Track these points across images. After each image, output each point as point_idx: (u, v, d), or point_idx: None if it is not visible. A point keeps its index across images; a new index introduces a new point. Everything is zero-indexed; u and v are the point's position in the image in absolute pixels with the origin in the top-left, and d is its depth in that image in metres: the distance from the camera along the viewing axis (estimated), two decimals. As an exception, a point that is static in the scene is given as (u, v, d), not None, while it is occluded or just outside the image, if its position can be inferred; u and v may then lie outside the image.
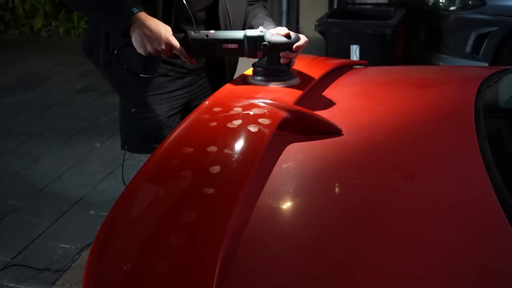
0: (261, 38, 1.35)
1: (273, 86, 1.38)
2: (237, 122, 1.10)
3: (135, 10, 1.31)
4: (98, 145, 3.45)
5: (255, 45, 1.35)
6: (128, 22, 1.30)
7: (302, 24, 5.67)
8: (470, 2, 3.82)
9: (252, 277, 0.78)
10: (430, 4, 4.11)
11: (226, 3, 1.54)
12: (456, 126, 1.26)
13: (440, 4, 4.01)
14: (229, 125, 1.09)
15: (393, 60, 3.69)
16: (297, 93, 1.33)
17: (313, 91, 1.46)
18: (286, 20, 4.35)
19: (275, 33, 1.38)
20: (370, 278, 0.77)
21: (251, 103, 1.21)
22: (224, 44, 1.36)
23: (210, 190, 0.87)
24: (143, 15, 1.32)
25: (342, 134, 1.20)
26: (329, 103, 1.41)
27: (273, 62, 1.38)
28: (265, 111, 1.16)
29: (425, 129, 1.25)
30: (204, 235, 0.78)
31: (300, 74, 1.51)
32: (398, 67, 2.03)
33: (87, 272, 0.71)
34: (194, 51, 1.38)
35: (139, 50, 1.34)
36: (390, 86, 1.61)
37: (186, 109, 1.71)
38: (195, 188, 0.88)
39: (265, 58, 1.38)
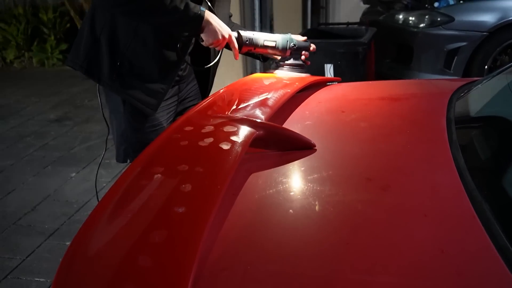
0: (290, 39, 1.77)
1: (295, 75, 1.79)
2: (209, 140, 1.08)
3: (203, 9, 1.54)
4: (73, 174, 3.39)
5: (286, 45, 1.76)
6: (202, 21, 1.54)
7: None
8: (438, 19, 3.91)
9: (226, 296, 0.75)
10: (400, 22, 4.21)
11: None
12: (429, 137, 1.26)
13: (410, 22, 4.10)
14: (200, 143, 1.07)
15: (366, 78, 3.73)
16: (270, 109, 1.33)
17: (287, 108, 1.45)
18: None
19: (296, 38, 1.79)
20: (348, 291, 0.75)
21: (223, 121, 1.19)
22: (266, 41, 1.73)
23: (181, 209, 0.85)
24: (208, 12, 1.56)
25: (316, 149, 1.20)
26: (302, 119, 1.40)
27: (297, 58, 1.81)
28: (237, 128, 1.15)
29: (398, 141, 1.25)
30: (175, 255, 0.76)
31: (274, 90, 1.51)
32: (370, 82, 2.05)
33: (51, 300, 0.68)
34: (244, 45, 1.70)
35: (208, 39, 1.58)
36: (363, 101, 1.62)
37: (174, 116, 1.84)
38: (165, 207, 0.85)
39: (291, 55, 1.79)
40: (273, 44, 1.74)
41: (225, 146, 1.06)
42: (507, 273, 0.74)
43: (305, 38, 1.83)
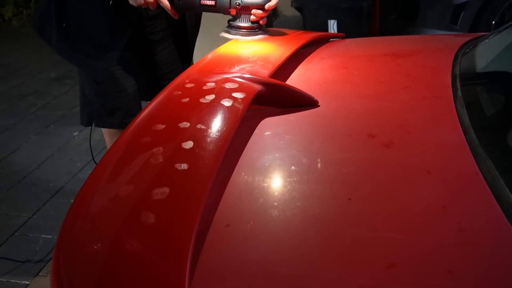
0: None
1: (241, 38, 1.55)
2: (210, 97, 1.07)
3: None
4: (76, 133, 3.39)
5: (229, 3, 1.49)
6: None
7: (279, 2, 5.61)
8: (446, -27, 3.80)
9: (228, 252, 0.76)
10: (406, -24, 4.09)
11: None
12: (433, 93, 1.24)
13: (416, -24, 3.98)
14: (201, 100, 1.06)
15: (370, 34, 3.67)
16: (272, 66, 1.30)
17: (289, 64, 1.43)
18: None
19: None
20: (350, 248, 0.76)
21: (224, 77, 1.18)
22: (203, 1, 1.50)
23: (183, 166, 0.85)
24: None
25: (319, 105, 1.18)
26: (305, 76, 1.38)
27: (245, 20, 1.53)
28: (239, 85, 1.13)
29: (402, 97, 1.23)
30: (178, 211, 0.76)
31: (276, 46, 1.48)
32: (374, 38, 2.02)
33: (56, 254, 0.69)
34: (177, 5, 1.50)
35: (131, 1, 1.42)
36: (366, 57, 1.59)
37: (151, 82, 1.73)
38: (167, 164, 0.85)
39: (238, 15, 1.53)
40: (212, 2, 1.50)
41: (227, 103, 1.05)
42: (510, 229, 0.75)
43: None
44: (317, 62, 1.51)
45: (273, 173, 0.96)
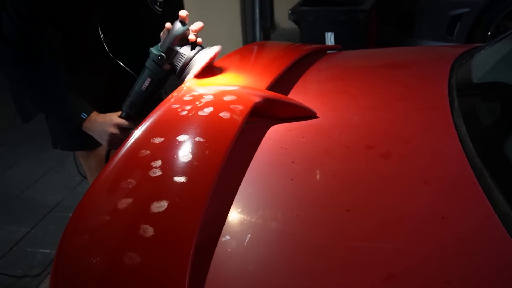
0: (153, 54, 1.26)
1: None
2: (208, 109, 1.08)
3: (83, 115, 1.42)
4: (75, 147, 3.38)
5: (154, 65, 1.27)
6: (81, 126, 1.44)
7: (277, 15, 5.66)
8: (441, -16, 3.83)
9: (227, 264, 0.76)
10: (402, -13, 4.12)
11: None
12: (430, 104, 1.25)
13: (412, -13, 4.02)
14: (200, 113, 1.06)
15: (367, 46, 3.69)
16: (270, 78, 1.31)
17: (287, 76, 1.44)
18: (259, 12, 4.33)
19: (164, 35, 1.28)
20: (349, 258, 0.76)
21: (222, 90, 1.18)
22: (143, 86, 1.31)
23: (182, 179, 0.85)
24: (91, 116, 1.43)
25: (317, 117, 1.19)
26: (303, 88, 1.39)
27: (180, 59, 1.27)
28: (237, 97, 1.14)
29: (399, 108, 1.24)
30: (177, 223, 0.76)
31: (273, 59, 1.49)
32: (371, 49, 2.03)
33: (54, 269, 0.68)
34: (134, 114, 1.37)
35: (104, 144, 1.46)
36: (363, 68, 1.60)
37: (117, 102, 1.62)
38: (166, 178, 0.85)
39: (173, 64, 1.28)
40: (147, 82, 1.29)
41: (225, 116, 1.05)
42: (508, 238, 0.75)
43: (168, 26, 1.26)
44: (314, 74, 1.52)
45: (272, 184, 0.96)
